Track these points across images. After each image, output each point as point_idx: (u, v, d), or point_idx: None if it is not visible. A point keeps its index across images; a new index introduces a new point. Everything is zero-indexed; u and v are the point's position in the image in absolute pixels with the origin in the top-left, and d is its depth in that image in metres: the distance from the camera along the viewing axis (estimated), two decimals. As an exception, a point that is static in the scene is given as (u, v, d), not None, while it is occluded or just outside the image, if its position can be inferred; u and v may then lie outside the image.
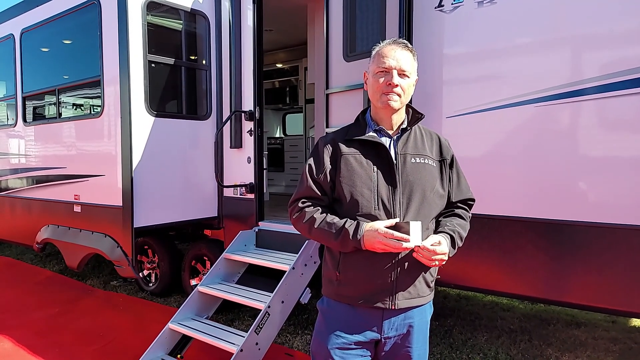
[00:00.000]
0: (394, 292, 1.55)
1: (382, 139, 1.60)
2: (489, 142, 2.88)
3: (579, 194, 2.58)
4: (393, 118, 1.61)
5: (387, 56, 1.54)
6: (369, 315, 1.58)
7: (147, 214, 3.91)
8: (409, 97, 1.60)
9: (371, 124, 1.64)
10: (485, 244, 2.88)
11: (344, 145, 1.60)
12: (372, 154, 1.58)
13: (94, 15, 4.12)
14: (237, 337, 2.95)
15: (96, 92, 4.27)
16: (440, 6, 2.97)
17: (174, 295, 4.62)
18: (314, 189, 1.61)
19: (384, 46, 1.58)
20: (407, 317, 1.60)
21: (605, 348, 3.41)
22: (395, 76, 1.52)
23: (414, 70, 1.58)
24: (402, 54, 1.54)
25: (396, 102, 1.55)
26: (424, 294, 1.62)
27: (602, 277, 2.52)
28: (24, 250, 6.82)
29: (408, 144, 1.60)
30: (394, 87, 1.52)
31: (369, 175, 1.55)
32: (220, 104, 4.36)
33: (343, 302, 1.60)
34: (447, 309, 4.28)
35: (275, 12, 4.83)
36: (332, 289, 1.63)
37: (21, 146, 5.34)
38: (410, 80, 1.58)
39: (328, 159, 1.61)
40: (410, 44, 1.63)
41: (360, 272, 1.55)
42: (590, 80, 2.51)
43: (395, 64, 1.53)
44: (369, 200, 1.53)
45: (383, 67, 1.54)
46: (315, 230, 1.57)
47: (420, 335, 1.64)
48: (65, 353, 3.40)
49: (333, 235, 1.52)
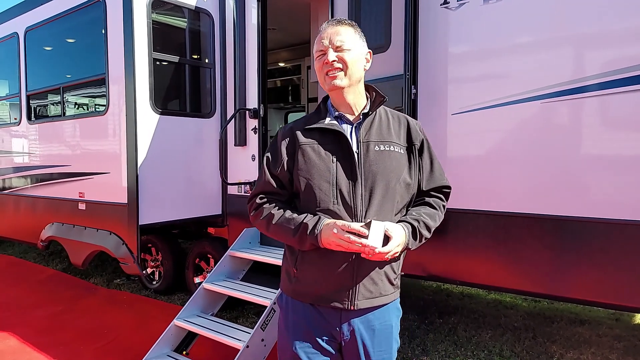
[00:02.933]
0: (353, 291, 1.44)
1: (343, 126, 1.49)
2: (494, 139, 2.89)
3: (585, 190, 2.59)
4: (349, 100, 1.50)
5: (322, 37, 1.48)
6: (328, 315, 1.48)
7: (152, 211, 3.92)
8: (357, 71, 1.47)
9: (331, 110, 1.53)
10: (489, 241, 2.89)
11: (302, 135, 1.49)
12: (332, 143, 1.47)
13: (99, 14, 4.13)
14: (243, 334, 2.96)
15: (101, 90, 4.27)
16: (445, 3, 2.98)
17: (177, 293, 4.63)
18: (271, 183, 1.52)
19: (321, 30, 1.51)
20: (368, 320, 1.48)
21: (609, 345, 3.41)
22: (330, 53, 1.44)
23: (355, 43, 1.47)
24: (335, 29, 1.47)
25: (341, 80, 1.45)
26: (386, 292, 1.50)
27: (607, 273, 2.52)
28: (26, 249, 6.82)
29: (371, 130, 1.48)
30: (332, 63, 1.44)
31: (328, 167, 1.44)
32: (225, 102, 4.37)
33: (300, 301, 1.51)
34: (450, 307, 4.29)
35: (278, 11, 4.84)
36: (290, 286, 1.54)
37: (25, 144, 5.35)
38: (353, 54, 1.46)
39: (285, 151, 1.50)
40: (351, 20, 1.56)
41: (317, 269, 1.45)
42: (593, 77, 2.51)
43: (328, 42, 1.46)
44: (327, 194, 1.42)
45: (320, 50, 1.48)
46: (273, 226, 1.48)
47: (383, 340, 1.51)
48: (69, 351, 3.41)
49: (291, 232, 1.43)
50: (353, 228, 1.33)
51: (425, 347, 3.40)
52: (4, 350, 3.41)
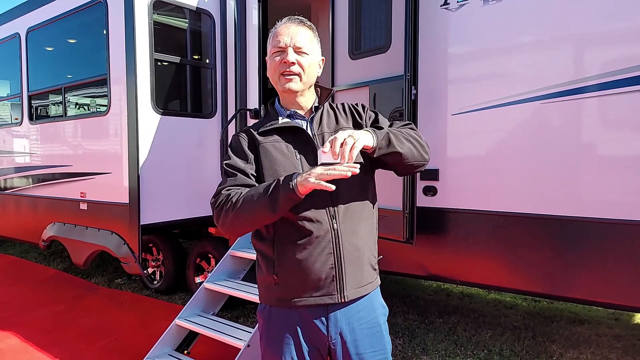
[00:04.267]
0: (340, 282, 1.40)
1: (297, 121, 1.49)
2: (494, 139, 2.90)
3: (585, 190, 2.60)
4: (300, 100, 1.50)
5: (281, 34, 1.43)
6: (314, 315, 1.43)
7: (153, 211, 3.94)
8: (311, 77, 1.48)
9: (281, 111, 1.52)
10: (489, 241, 2.90)
11: (260, 135, 1.47)
12: (291, 139, 1.45)
13: (101, 14, 4.15)
14: (244, 333, 2.97)
15: (102, 91, 4.29)
16: (445, 4, 2.99)
17: (178, 292, 4.64)
18: (239, 176, 1.42)
19: (279, 25, 1.47)
20: (355, 320, 1.45)
21: (608, 345, 3.42)
22: (290, 53, 1.41)
23: (313, 48, 1.47)
24: (297, 30, 1.44)
25: (296, 84, 1.44)
26: (372, 278, 1.49)
27: (606, 272, 2.54)
28: (27, 249, 6.84)
29: (322, 123, 1.49)
30: (291, 65, 1.41)
31: (292, 163, 1.41)
32: (226, 102, 4.39)
33: (285, 307, 1.44)
34: (450, 306, 4.30)
35: (279, 11, 4.85)
36: (272, 294, 1.46)
37: (27, 144, 5.37)
38: (311, 58, 1.45)
39: (247, 149, 1.46)
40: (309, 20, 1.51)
41: (298, 268, 1.39)
42: (593, 78, 2.53)
43: (289, 41, 1.42)
44: None
45: (278, 47, 1.43)
46: (237, 208, 1.34)
47: (375, 340, 1.48)
48: (71, 350, 3.43)
49: (260, 196, 1.32)
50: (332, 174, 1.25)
51: (426, 347, 3.41)
52: (6, 350, 3.43)
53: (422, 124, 3.02)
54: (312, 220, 1.38)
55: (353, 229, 1.43)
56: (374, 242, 1.53)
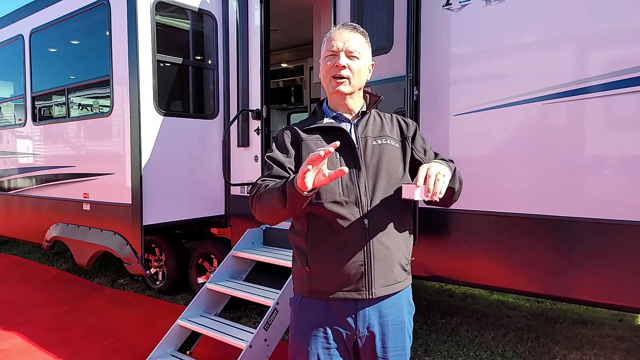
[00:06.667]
0: (369, 279, 1.46)
1: (342, 124, 1.55)
2: (496, 140, 2.89)
3: (588, 191, 2.59)
4: (348, 103, 1.56)
5: (335, 39, 1.51)
6: (343, 309, 1.50)
7: (155, 212, 3.95)
8: (361, 80, 1.54)
9: (328, 112, 1.59)
10: (492, 242, 2.90)
11: (303, 133, 1.54)
12: (333, 139, 1.43)
13: (103, 16, 4.17)
14: (246, 334, 2.98)
15: (105, 92, 4.31)
16: (448, 4, 2.99)
17: (180, 293, 4.65)
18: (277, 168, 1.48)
19: (333, 31, 1.54)
20: (382, 315, 1.52)
21: (612, 346, 3.41)
22: (342, 57, 1.49)
23: (364, 53, 1.54)
24: (349, 35, 1.51)
25: (346, 87, 1.50)
26: (401, 278, 1.56)
27: (609, 273, 2.53)
28: (31, 249, 6.87)
29: (367, 127, 1.55)
30: (342, 69, 1.48)
31: (332, 161, 1.46)
32: (228, 103, 4.40)
33: (316, 299, 1.52)
34: (453, 307, 4.29)
35: (280, 12, 4.86)
36: (304, 285, 1.54)
37: (30, 145, 5.39)
38: (361, 62, 1.52)
39: (289, 145, 1.54)
40: (361, 27, 1.58)
41: (330, 263, 1.47)
42: (596, 78, 2.52)
43: (342, 45, 1.49)
44: (333, 185, 1.45)
45: (331, 51, 1.51)
46: (260, 201, 1.42)
47: (397, 336, 1.55)
48: (74, 349, 3.44)
49: (275, 191, 1.37)
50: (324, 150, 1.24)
51: (428, 348, 3.41)
52: (10, 349, 3.45)
53: (424, 124, 3.02)
54: (345, 218, 1.45)
55: (384, 229, 1.49)
56: (405, 244, 1.58)
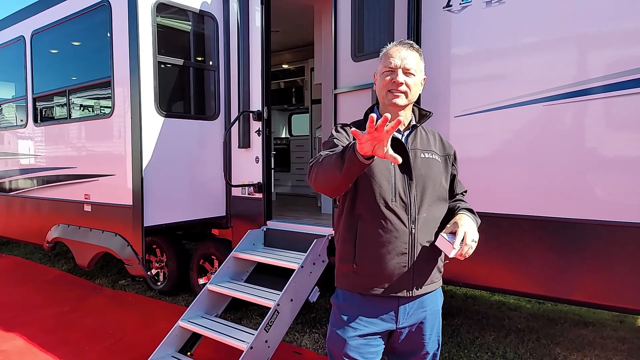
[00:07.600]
0: (412, 279, 1.60)
1: (396, 134, 1.64)
2: (497, 141, 2.89)
3: (589, 193, 2.59)
4: (400, 115, 1.60)
5: (393, 56, 1.61)
6: (385, 304, 1.62)
7: (156, 213, 3.95)
8: (415, 95, 1.65)
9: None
10: (492, 243, 2.89)
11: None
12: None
13: (105, 17, 4.17)
14: (247, 335, 2.98)
15: (106, 93, 4.31)
16: (448, 6, 2.99)
17: (181, 294, 4.66)
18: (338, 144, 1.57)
19: (391, 47, 1.65)
20: (421, 307, 1.66)
21: (613, 347, 3.41)
22: (400, 74, 1.59)
23: (419, 69, 1.64)
24: (407, 53, 1.61)
25: (402, 100, 1.60)
26: (437, 279, 1.70)
27: (611, 275, 2.52)
28: (32, 250, 6.88)
29: (417, 140, 1.67)
30: (399, 85, 1.58)
31: (387, 168, 1.59)
32: (228, 105, 4.40)
33: (359, 294, 1.63)
34: (454, 308, 4.29)
35: (281, 13, 4.86)
36: (349, 281, 1.66)
37: (31, 146, 5.40)
38: (417, 79, 1.63)
39: (346, 140, 1.62)
40: (416, 44, 1.70)
41: (375, 262, 1.59)
42: (597, 80, 2.52)
43: (400, 63, 1.59)
44: (387, 191, 1.57)
45: (389, 67, 1.61)
46: (319, 164, 1.48)
47: (434, 324, 1.70)
48: (75, 350, 3.44)
49: (335, 155, 1.42)
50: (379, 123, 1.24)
51: (429, 349, 3.40)
52: (11, 350, 3.45)
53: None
54: (394, 222, 1.58)
55: (428, 235, 1.62)
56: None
